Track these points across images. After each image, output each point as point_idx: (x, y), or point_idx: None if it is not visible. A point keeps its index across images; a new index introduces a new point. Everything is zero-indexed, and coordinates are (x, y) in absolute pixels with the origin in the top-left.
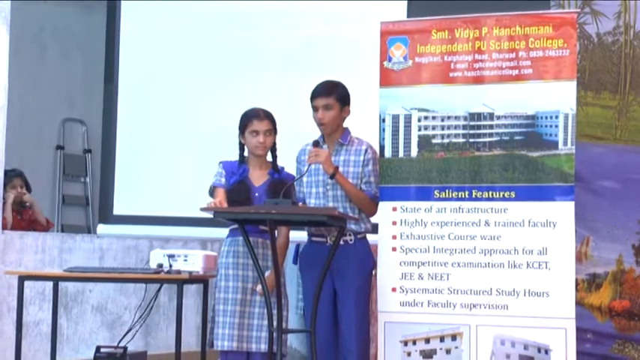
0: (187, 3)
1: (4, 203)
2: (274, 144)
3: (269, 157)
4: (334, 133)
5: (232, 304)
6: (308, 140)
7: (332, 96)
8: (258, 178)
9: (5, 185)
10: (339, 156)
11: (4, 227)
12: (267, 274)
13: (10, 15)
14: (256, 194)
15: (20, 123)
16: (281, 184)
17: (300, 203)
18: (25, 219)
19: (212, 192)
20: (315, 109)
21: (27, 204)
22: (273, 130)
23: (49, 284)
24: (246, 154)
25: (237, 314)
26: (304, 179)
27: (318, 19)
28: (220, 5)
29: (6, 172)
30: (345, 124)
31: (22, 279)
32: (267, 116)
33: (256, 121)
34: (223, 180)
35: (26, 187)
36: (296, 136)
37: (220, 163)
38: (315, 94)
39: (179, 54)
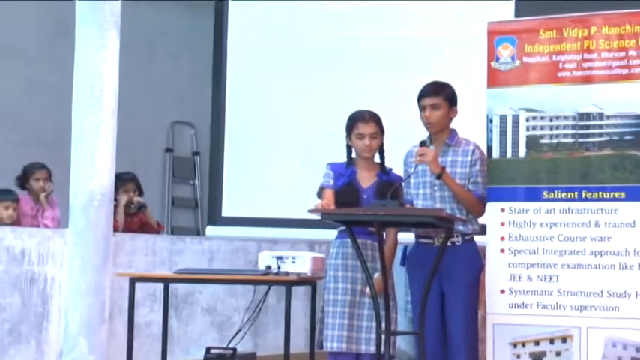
0: (296, 2)
1: (116, 206)
2: (382, 145)
3: (377, 159)
4: (441, 134)
5: (341, 306)
6: (416, 141)
7: (440, 95)
8: (366, 179)
9: (118, 188)
10: (447, 157)
11: (116, 229)
12: (375, 275)
13: (121, 18)
14: (364, 196)
15: (130, 126)
16: (389, 186)
17: (408, 205)
18: (135, 222)
19: (320, 193)
20: (422, 108)
21: (139, 206)
22: (379, 132)
23: (160, 286)
24: (353, 155)
25: (346, 315)
26: (412, 180)
27: (424, 20)
28: (330, 5)
29: (119, 175)
30: (452, 126)
31: (133, 281)
32: (373, 118)
33: (362, 124)
34: (331, 181)
35: (138, 191)
36: (404, 137)
37: (328, 164)
38: (423, 94)
39: (285, 55)
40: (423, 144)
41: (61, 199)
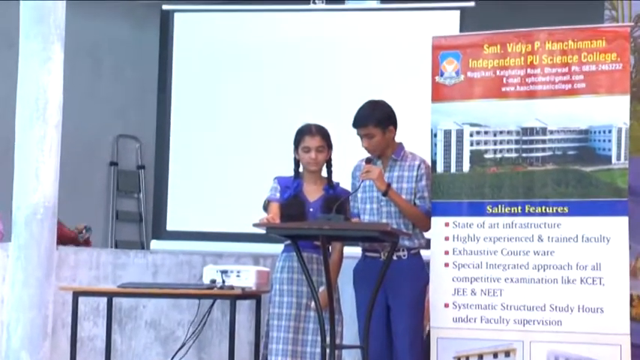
0: (242, 14)
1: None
2: (330, 159)
3: (325, 173)
4: (387, 150)
5: (287, 320)
6: (365, 154)
7: (369, 124)
8: (312, 193)
9: None
10: (393, 172)
11: None
12: (320, 289)
13: (65, 31)
14: (311, 209)
15: (74, 139)
16: (336, 200)
17: (355, 219)
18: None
19: (266, 207)
20: (359, 136)
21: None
22: (326, 145)
23: (103, 300)
24: (301, 169)
25: (291, 329)
26: (359, 195)
27: (373, 33)
28: (276, 16)
29: None
30: (400, 139)
31: (77, 295)
32: (320, 132)
33: (308, 137)
34: (278, 195)
35: None
36: (353, 150)
37: (275, 178)
38: (354, 125)
39: (231, 67)
40: (368, 160)
41: (5, 213)
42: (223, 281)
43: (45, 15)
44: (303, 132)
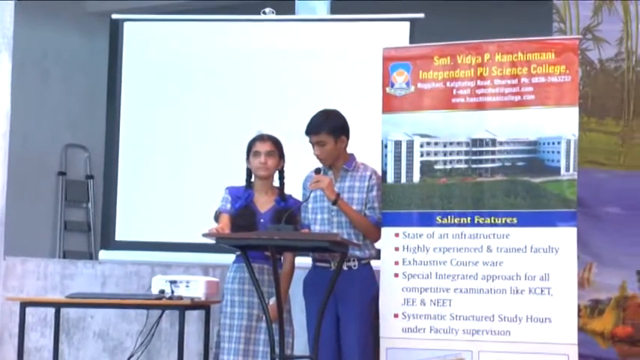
0: (192, 24)
1: None
2: (282, 171)
3: (277, 184)
4: (338, 160)
5: (237, 330)
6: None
7: (322, 132)
8: (263, 203)
9: None
10: (344, 182)
11: None
12: (271, 301)
13: (13, 40)
14: (261, 220)
15: (22, 149)
16: (286, 212)
17: (306, 229)
18: None
19: (217, 217)
20: (311, 144)
21: None
22: (276, 152)
23: (51, 310)
24: (253, 179)
25: (242, 340)
26: (310, 205)
27: (325, 42)
28: (227, 26)
29: None
30: (350, 150)
31: (24, 305)
32: (271, 139)
33: (259, 143)
34: (229, 205)
35: None
36: (307, 160)
37: (227, 188)
38: (307, 132)
39: (181, 77)
40: (317, 171)
41: None
42: (172, 291)
43: None
44: (255, 139)
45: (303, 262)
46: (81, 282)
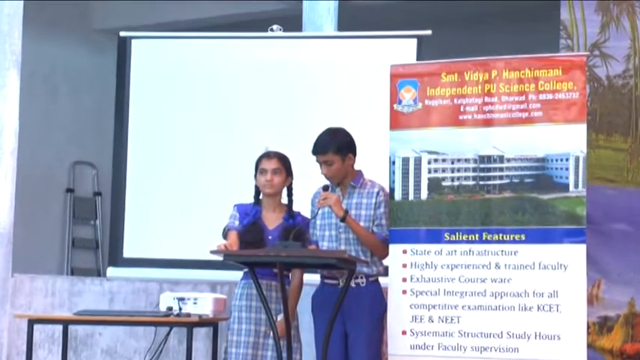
0: (200, 41)
1: None
2: (291, 187)
3: (285, 201)
4: (346, 178)
5: (245, 347)
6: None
7: (329, 152)
8: (272, 220)
9: None
10: (352, 199)
11: None
12: (279, 317)
13: (22, 57)
14: (270, 237)
15: (30, 166)
16: (294, 229)
17: (314, 246)
18: None
19: (225, 234)
20: (318, 163)
21: None
22: (283, 169)
23: (59, 328)
24: (261, 196)
25: (249, 357)
26: (318, 222)
27: (333, 60)
28: (235, 43)
29: None
30: (358, 167)
31: (32, 322)
32: (277, 156)
33: (265, 160)
34: (237, 223)
35: None
36: (315, 178)
37: (235, 205)
38: (314, 152)
39: (189, 94)
40: (325, 188)
41: None
42: (180, 309)
43: (0, 41)
44: (261, 156)
45: (312, 279)
46: (89, 299)
